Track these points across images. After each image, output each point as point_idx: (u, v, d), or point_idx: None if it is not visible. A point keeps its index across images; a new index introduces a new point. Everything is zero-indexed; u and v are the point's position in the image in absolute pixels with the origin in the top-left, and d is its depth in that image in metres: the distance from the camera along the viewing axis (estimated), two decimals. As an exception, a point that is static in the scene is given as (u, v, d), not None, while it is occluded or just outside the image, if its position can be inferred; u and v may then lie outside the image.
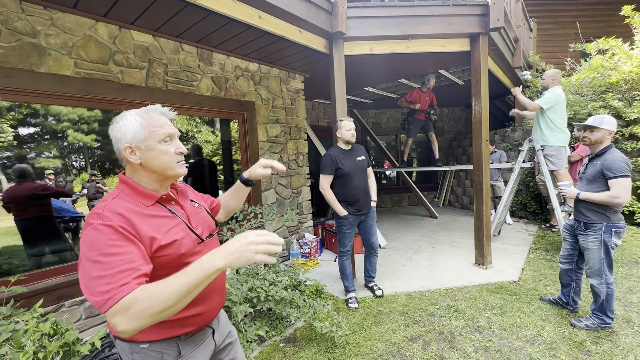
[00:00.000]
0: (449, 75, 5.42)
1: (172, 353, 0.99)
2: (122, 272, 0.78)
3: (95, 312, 2.58)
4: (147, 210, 0.95)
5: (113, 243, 0.81)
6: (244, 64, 3.78)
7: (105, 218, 0.85)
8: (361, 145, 3.15)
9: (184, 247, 0.97)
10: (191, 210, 1.11)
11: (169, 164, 0.99)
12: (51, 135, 2.58)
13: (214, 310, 1.10)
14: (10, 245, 2.47)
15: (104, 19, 2.60)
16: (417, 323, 2.63)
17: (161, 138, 0.98)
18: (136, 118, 0.97)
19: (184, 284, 0.75)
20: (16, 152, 2.44)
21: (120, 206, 0.90)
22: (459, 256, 4.15)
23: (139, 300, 0.74)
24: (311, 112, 6.81)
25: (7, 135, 2.37)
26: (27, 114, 2.45)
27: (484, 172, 3.56)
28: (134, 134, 0.95)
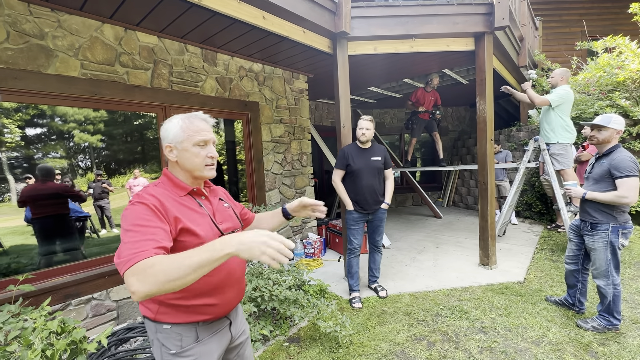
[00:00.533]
0: (453, 75, 5.39)
1: (191, 336, 1.08)
2: (145, 240, 0.89)
3: (101, 310, 2.61)
4: (180, 199, 1.09)
5: (143, 216, 0.94)
6: (248, 65, 3.80)
7: (142, 198, 0.99)
8: (382, 147, 3.13)
9: (204, 238, 1.05)
10: (218, 207, 1.21)
11: (198, 166, 1.11)
12: (58, 136, 2.62)
13: (230, 303, 1.17)
14: (19, 244, 2.51)
15: (110, 20, 2.63)
16: (421, 323, 2.62)
17: (196, 142, 1.09)
18: (179, 122, 1.10)
19: (195, 259, 0.81)
20: (24, 153, 2.47)
21: (157, 192, 1.04)
22: (463, 256, 4.13)
23: (154, 266, 0.81)
24: (315, 112, 6.81)
25: (14, 135, 2.41)
26: (34, 115, 2.49)
27: (488, 172, 3.54)
28: (174, 136, 1.09)
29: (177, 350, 1.07)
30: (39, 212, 2.59)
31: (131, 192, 3.16)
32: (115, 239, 2.99)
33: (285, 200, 4.31)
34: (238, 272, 1.20)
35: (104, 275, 2.63)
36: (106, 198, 3.26)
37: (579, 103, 5.28)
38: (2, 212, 2.46)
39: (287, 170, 4.35)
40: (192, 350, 1.08)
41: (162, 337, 1.08)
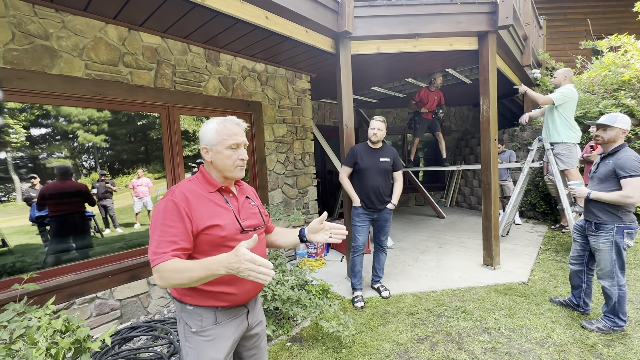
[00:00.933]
0: (456, 74, 5.37)
1: (210, 318, 1.20)
2: (167, 242, 1.05)
3: (105, 310, 2.63)
4: (208, 195, 1.20)
5: (170, 216, 1.09)
6: (250, 65, 3.80)
7: (173, 195, 1.13)
8: (393, 148, 3.14)
9: (226, 232, 1.17)
10: (244, 205, 1.31)
11: (230, 167, 1.22)
12: (62, 136, 2.63)
13: (248, 294, 1.26)
14: (24, 243, 2.53)
15: (113, 21, 2.64)
16: (424, 324, 2.61)
17: (229, 145, 1.20)
18: (215, 126, 1.21)
19: (195, 274, 0.97)
20: (28, 153, 2.49)
21: (189, 188, 1.18)
22: (466, 257, 4.11)
23: (167, 271, 1.00)
24: (317, 112, 6.81)
25: (19, 136, 2.42)
26: (38, 115, 2.50)
27: (492, 171, 3.52)
28: (210, 139, 1.20)
29: (197, 330, 1.19)
30: (57, 210, 2.66)
31: (135, 192, 3.17)
32: (119, 239, 3.00)
33: (288, 200, 4.31)
34: None
35: (107, 275, 2.64)
36: (110, 198, 3.28)
37: (583, 102, 5.24)
38: (7, 211, 2.47)
39: (290, 170, 4.35)
40: (210, 331, 1.20)
41: (185, 316, 1.21)
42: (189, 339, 1.21)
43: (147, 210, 3.26)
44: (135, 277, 2.81)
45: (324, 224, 1.37)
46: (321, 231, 1.38)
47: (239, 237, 1.21)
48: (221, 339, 1.21)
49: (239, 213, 1.26)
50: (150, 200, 3.23)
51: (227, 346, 1.22)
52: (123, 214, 3.17)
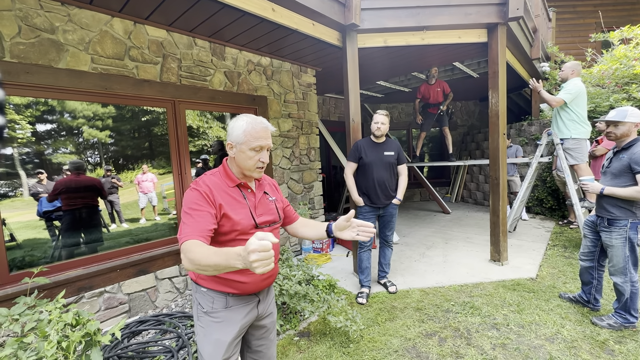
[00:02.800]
0: (463, 68, 5.29)
1: (221, 301, 1.26)
2: (194, 224, 1.11)
3: (114, 303, 2.64)
4: (228, 189, 1.26)
5: (196, 201, 1.15)
6: (256, 59, 3.77)
7: (198, 185, 1.21)
8: (396, 142, 3.12)
9: (240, 226, 1.22)
10: (261, 201, 1.34)
11: (250, 167, 1.26)
12: (67, 132, 2.63)
13: (259, 284, 1.30)
14: (31, 238, 2.55)
15: (119, 14, 2.62)
16: (432, 319, 2.60)
17: (253, 147, 1.24)
18: (243, 125, 1.23)
19: (213, 262, 0.96)
20: (34, 148, 2.49)
21: (211, 180, 1.24)
22: (473, 252, 4.08)
23: (190, 251, 1.01)
24: (322, 106, 6.76)
25: (25, 131, 2.43)
26: (44, 111, 2.49)
27: (500, 166, 3.48)
28: (236, 137, 1.24)
29: (208, 310, 1.26)
30: (70, 204, 2.71)
31: (140, 188, 3.18)
32: (125, 234, 3.01)
33: (294, 195, 4.30)
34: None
35: (115, 269, 2.65)
36: (115, 193, 3.30)
37: (593, 96, 5.14)
38: (14, 207, 2.48)
39: (295, 165, 4.33)
40: (220, 313, 1.26)
41: (199, 297, 1.29)
42: (200, 318, 1.28)
43: (152, 206, 3.27)
44: (142, 272, 2.82)
45: (351, 221, 1.36)
46: (348, 228, 1.36)
47: (252, 231, 1.24)
48: (229, 323, 1.26)
49: (255, 209, 1.30)
50: (155, 195, 3.23)
51: (234, 330, 1.27)
52: (128, 209, 3.18)
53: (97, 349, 1.79)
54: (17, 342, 1.59)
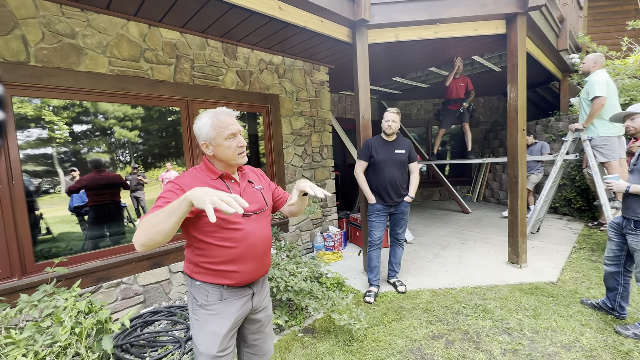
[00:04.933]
0: (484, 62, 5.08)
1: (215, 294, 1.28)
2: (157, 207, 1.10)
3: (129, 294, 2.78)
4: (210, 181, 1.27)
5: (170, 191, 1.17)
6: (268, 57, 3.81)
7: (177, 179, 1.23)
8: (407, 140, 3.07)
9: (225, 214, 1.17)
10: (246, 190, 1.36)
11: (232, 156, 1.28)
12: (100, 132, 2.84)
13: (252, 274, 1.33)
14: (66, 231, 2.76)
15: (134, 17, 2.74)
16: (440, 321, 2.53)
17: (226, 136, 1.25)
18: (208, 121, 1.25)
19: (166, 209, 1.00)
20: (71, 148, 2.71)
21: (192, 175, 1.26)
22: (491, 254, 3.92)
23: (144, 219, 1.03)
24: (338, 104, 6.73)
25: (63, 132, 2.63)
26: (79, 112, 2.69)
27: (519, 164, 3.31)
28: (206, 134, 1.25)
29: (203, 303, 1.28)
30: (95, 200, 2.88)
31: (163, 184, 3.32)
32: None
33: (306, 193, 4.30)
34: (261, 247, 1.34)
35: (132, 261, 2.78)
36: (141, 190, 3.49)
37: (628, 88, 4.77)
38: (53, 202, 2.71)
39: (308, 162, 4.34)
40: (215, 306, 1.28)
41: (194, 291, 1.31)
42: (195, 312, 1.31)
43: (174, 202, 3.42)
44: (157, 265, 2.94)
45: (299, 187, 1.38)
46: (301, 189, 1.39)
47: (239, 220, 1.28)
48: (224, 315, 1.29)
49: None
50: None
51: (229, 322, 1.29)
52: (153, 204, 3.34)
53: (108, 336, 1.88)
54: (35, 327, 1.71)
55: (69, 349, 1.71)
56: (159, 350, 2.23)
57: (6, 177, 2.24)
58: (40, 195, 2.59)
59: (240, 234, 1.27)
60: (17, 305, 1.81)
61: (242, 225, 1.27)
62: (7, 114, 2.10)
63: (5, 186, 2.24)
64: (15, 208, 2.28)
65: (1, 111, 0.36)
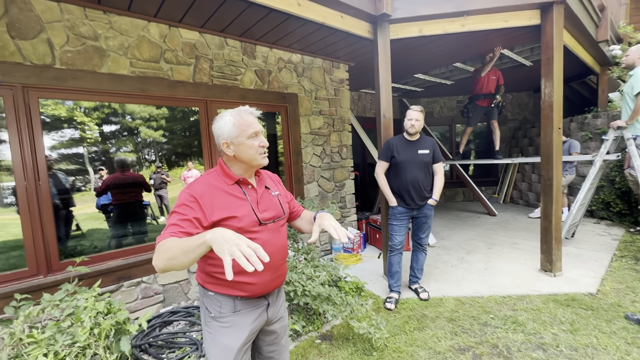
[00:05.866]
0: (513, 56, 4.79)
1: (229, 305, 1.22)
2: (174, 225, 1.06)
3: (149, 293, 2.80)
4: (226, 187, 1.21)
5: (184, 204, 1.11)
6: (286, 56, 3.75)
7: (192, 188, 1.16)
8: (432, 139, 2.92)
9: (242, 223, 1.17)
10: (263, 196, 1.29)
11: (254, 155, 1.22)
12: (128, 132, 2.94)
13: (267, 285, 1.26)
14: (94, 228, 2.89)
15: (155, 19, 2.75)
16: (466, 332, 2.38)
17: (249, 135, 1.20)
18: (230, 119, 1.20)
19: (183, 244, 0.94)
20: (100, 147, 2.84)
21: (207, 182, 1.19)
22: (520, 260, 3.69)
23: (162, 246, 0.98)
24: (358, 103, 6.60)
25: (93, 132, 2.74)
26: (108, 113, 2.79)
27: (554, 165, 3.08)
28: (229, 133, 1.19)
29: (216, 315, 1.22)
30: (119, 199, 2.98)
31: (185, 183, 3.35)
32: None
33: (324, 194, 4.23)
34: (277, 257, 1.27)
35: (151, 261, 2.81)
36: (165, 188, 3.57)
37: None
38: (84, 200, 2.83)
39: (326, 162, 4.26)
40: (228, 318, 1.22)
41: (206, 301, 1.25)
42: (208, 324, 1.25)
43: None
44: (176, 265, 2.95)
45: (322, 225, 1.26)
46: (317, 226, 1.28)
47: (256, 229, 1.21)
48: (238, 328, 1.22)
49: (257, 205, 1.25)
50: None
51: (244, 336, 1.22)
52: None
53: (127, 337, 1.88)
54: (56, 326, 1.74)
55: (87, 350, 1.72)
56: (176, 351, 2.22)
57: (33, 178, 2.30)
58: (72, 193, 2.72)
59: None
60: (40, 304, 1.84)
61: (259, 234, 1.21)
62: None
63: (32, 186, 2.30)
64: (42, 207, 2.35)
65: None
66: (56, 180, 2.61)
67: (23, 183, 2.28)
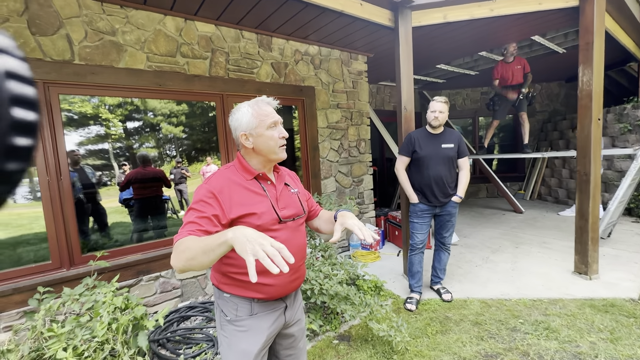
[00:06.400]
0: (545, 43, 4.48)
1: (245, 308, 1.16)
2: (192, 223, 1.01)
3: (168, 288, 2.82)
4: (245, 183, 1.15)
5: (202, 200, 1.06)
6: (303, 48, 3.65)
7: (210, 183, 1.11)
8: (456, 132, 2.75)
9: (261, 220, 1.11)
10: (283, 193, 1.23)
11: (274, 147, 1.16)
12: (150, 128, 2.99)
13: (286, 287, 1.20)
14: (118, 221, 2.98)
15: (170, 12, 2.72)
16: (493, 337, 2.24)
17: (269, 125, 1.14)
18: (248, 109, 1.15)
19: (203, 243, 0.89)
20: (125, 143, 2.91)
21: (225, 176, 1.14)
22: (551, 260, 3.46)
23: (181, 245, 0.94)
24: (376, 96, 6.42)
25: (117, 128, 2.80)
26: (131, 110, 2.85)
27: (593, 159, 2.84)
28: (247, 123, 1.14)
29: (232, 318, 1.16)
30: (139, 194, 3.03)
31: (204, 178, 3.37)
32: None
33: (342, 189, 4.14)
34: (296, 257, 1.18)
35: (169, 256, 2.81)
36: (184, 183, 3.61)
37: None
38: (109, 194, 2.92)
39: (344, 157, 4.15)
40: (245, 322, 1.16)
41: (222, 303, 1.19)
42: (224, 327, 1.19)
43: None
44: (193, 260, 2.96)
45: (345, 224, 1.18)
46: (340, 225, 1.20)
47: (275, 227, 1.15)
48: (255, 332, 1.16)
49: (277, 202, 1.19)
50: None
51: (261, 340, 1.16)
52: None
53: (144, 333, 1.88)
54: (75, 321, 1.75)
55: (106, 345, 1.72)
56: (193, 347, 2.22)
57: (55, 174, 2.34)
58: (98, 187, 2.84)
59: None
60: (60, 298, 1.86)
61: (278, 232, 1.14)
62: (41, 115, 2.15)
63: (54, 181, 2.34)
64: (64, 202, 2.38)
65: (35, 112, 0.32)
66: (83, 175, 2.69)
67: (46, 178, 2.32)
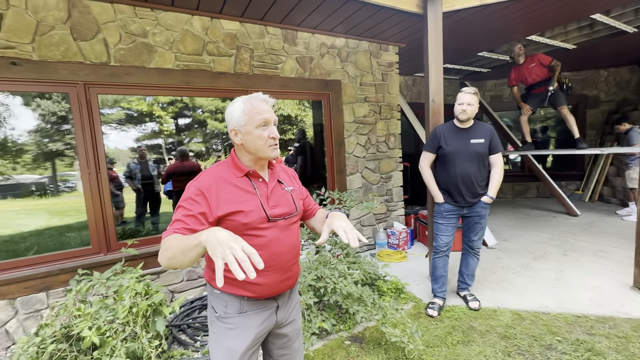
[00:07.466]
0: (609, 21, 3.89)
1: (235, 306, 1.15)
2: (178, 221, 1.02)
3: (193, 276, 2.97)
4: (235, 180, 1.14)
5: (190, 198, 1.07)
6: (329, 41, 3.58)
7: (200, 180, 1.11)
8: (489, 126, 2.50)
9: (249, 218, 1.09)
10: (274, 191, 1.21)
11: (262, 147, 1.13)
12: (197, 124, 3.24)
13: (276, 287, 1.19)
14: (164, 212, 3.30)
15: (197, 11, 2.81)
16: (522, 354, 2.02)
17: (258, 124, 1.11)
18: (240, 105, 1.13)
19: (182, 244, 0.90)
20: (176, 139, 3.21)
21: (215, 174, 1.13)
22: (606, 272, 3.04)
23: (165, 244, 0.96)
24: (412, 88, 6.12)
25: (169, 125, 3.07)
26: (181, 107, 3.12)
27: (660, 157, 2.41)
28: (237, 119, 1.12)
29: (221, 315, 1.16)
30: (178, 186, 3.30)
31: None
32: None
33: (368, 186, 4.02)
34: (287, 257, 1.20)
35: (195, 246, 2.97)
36: None
37: None
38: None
39: (372, 153, 4.02)
40: (233, 319, 1.14)
41: (212, 299, 1.19)
42: (213, 323, 1.19)
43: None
44: (218, 251, 3.09)
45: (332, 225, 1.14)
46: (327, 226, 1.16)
47: (264, 225, 1.12)
48: (243, 330, 1.15)
49: (267, 200, 1.17)
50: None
51: (248, 339, 1.15)
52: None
53: (162, 318, 2.00)
54: (101, 302, 1.91)
55: (127, 327, 1.85)
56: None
57: (94, 168, 2.56)
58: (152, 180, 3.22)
59: (262, 241, 1.11)
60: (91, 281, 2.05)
61: (267, 231, 1.13)
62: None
63: (94, 174, 2.57)
64: (102, 193, 2.61)
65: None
66: (145, 168, 3.07)
67: (86, 171, 2.55)
